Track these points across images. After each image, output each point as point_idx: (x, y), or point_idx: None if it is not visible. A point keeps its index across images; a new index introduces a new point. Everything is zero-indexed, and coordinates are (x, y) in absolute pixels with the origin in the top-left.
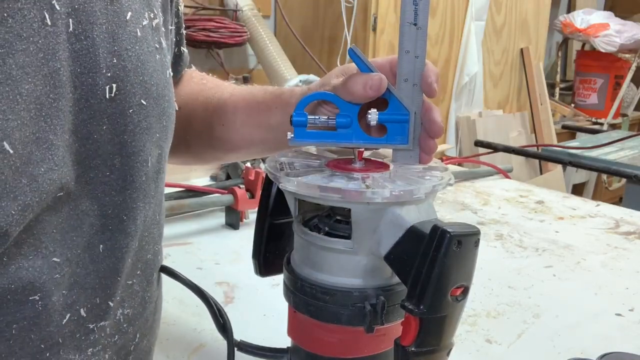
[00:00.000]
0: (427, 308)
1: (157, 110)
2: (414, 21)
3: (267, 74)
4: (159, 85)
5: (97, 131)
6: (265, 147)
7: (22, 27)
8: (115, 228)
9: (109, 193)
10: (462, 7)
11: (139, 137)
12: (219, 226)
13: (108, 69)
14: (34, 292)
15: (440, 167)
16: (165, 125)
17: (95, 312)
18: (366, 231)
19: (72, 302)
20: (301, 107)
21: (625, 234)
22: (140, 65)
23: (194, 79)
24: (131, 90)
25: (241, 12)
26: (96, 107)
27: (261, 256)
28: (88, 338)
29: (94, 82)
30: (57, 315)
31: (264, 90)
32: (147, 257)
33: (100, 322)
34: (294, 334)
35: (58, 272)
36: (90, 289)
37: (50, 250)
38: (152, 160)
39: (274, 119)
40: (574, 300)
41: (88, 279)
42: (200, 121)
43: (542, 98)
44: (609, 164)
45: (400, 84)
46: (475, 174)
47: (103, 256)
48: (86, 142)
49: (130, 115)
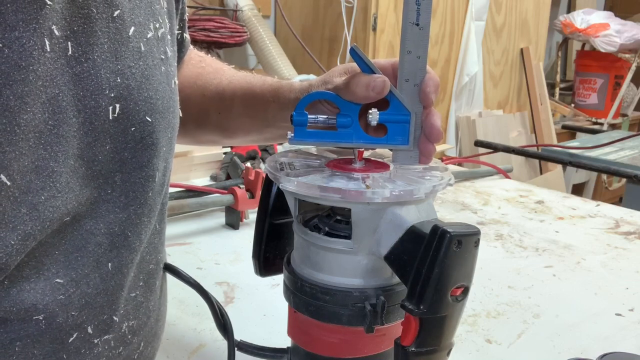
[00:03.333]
0: (427, 308)
1: (162, 125)
2: (416, 21)
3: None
4: (164, 99)
5: (101, 152)
6: (261, 137)
7: (21, 56)
8: (121, 245)
9: (113, 210)
10: (462, 7)
11: (141, 154)
12: (219, 226)
13: (111, 89)
14: (37, 313)
15: (440, 167)
16: (170, 137)
17: (100, 327)
18: (366, 231)
19: (81, 322)
20: (302, 107)
21: (625, 234)
22: (145, 81)
23: (192, 60)
24: (135, 108)
25: (241, 12)
26: (100, 129)
27: (261, 256)
28: (92, 352)
29: (97, 104)
30: (63, 334)
31: (263, 82)
32: (149, 267)
33: (105, 336)
34: (294, 334)
35: (62, 294)
36: (99, 307)
37: (52, 272)
38: (158, 174)
39: (271, 113)
40: (574, 300)
41: (98, 298)
42: (196, 106)
43: (542, 98)
44: (609, 164)
45: (402, 84)
46: (475, 174)
47: (112, 274)
48: (92, 165)
49: (132, 133)
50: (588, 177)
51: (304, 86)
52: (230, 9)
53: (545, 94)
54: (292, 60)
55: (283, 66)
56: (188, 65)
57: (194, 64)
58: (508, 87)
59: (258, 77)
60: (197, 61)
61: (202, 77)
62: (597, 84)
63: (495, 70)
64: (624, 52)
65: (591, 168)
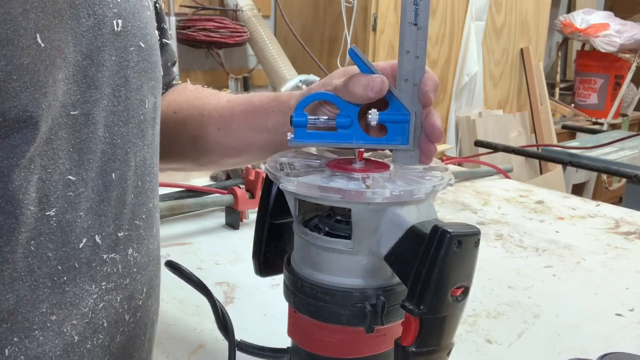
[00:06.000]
0: (427, 308)
1: (152, 58)
2: (415, 21)
3: (267, 74)
4: (152, 37)
5: (108, 60)
6: (262, 151)
7: None
8: (122, 158)
9: (117, 123)
10: (462, 7)
11: (138, 76)
12: (219, 226)
13: (114, 5)
14: (50, 207)
15: (440, 167)
16: (157, 77)
17: (107, 242)
18: (366, 231)
19: (87, 226)
20: (301, 108)
21: (625, 234)
22: (137, 12)
23: (188, 88)
24: (132, 31)
25: (241, 12)
26: (106, 37)
27: (261, 256)
28: (102, 269)
29: (104, 14)
30: (73, 237)
31: (261, 95)
32: (148, 205)
33: (112, 254)
34: (294, 334)
35: (72, 191)
36: (104, 217)
37: (67, 167)
38: (148, 104)
39: (272, 121)
40: (574, 300)
41: (102, 205)
42: (196, 125)
43: (542, 98)
44: (609, 164)
45: (401, 84)
46: (475, 174)
47: (114, 185)
48: (98, 68)
49: (131, 53)
50: (588, 177)
51: (304, 92)
52: (230, 9)
53: (545, 94)
54: (292, 60)
55: (283, 66)
56: (185, 91)
57: (192, 90)
58: (508, 87)
59: (256, 93)
60: (194, 88)
61: (199, 99)
62: (597, 84)
63: (495, 70)
64: (624, 52)
65: (591, 168)
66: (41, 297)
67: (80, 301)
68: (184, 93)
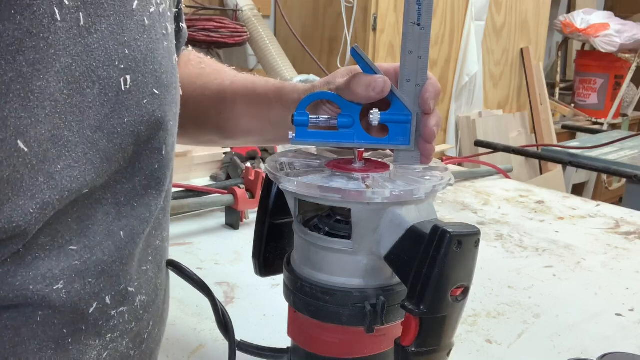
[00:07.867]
0: (427, 308)
1: (169, 99)
2: (417, 21)
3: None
4: (168, 73)
5: (120, 125)
6: (262, 139)
7: (32, 23)
8: (129, 214)
9: (120, 181)
10: (462, 7)
11: (152, 127)
12: (219, 226)
13: (120, 60)
14: (56, 281)
15: (440, 167)
16: (175, 113)
17: (117, 298)
18: (366, 231)
19: (99, 290)
20: (303, 107)
21: (625, 234)
22: (150, 54)
23: (191, 61)
24: (143, 81)
25: (241, 12)
26: (115, 100)
27: (261, 256)
28: (108, 324)
29: (109, 75)
30: (83, 304)
31: (266, 82)
32: (156, 243)
33: (120, 308)
34: (294, 334)
35: (77, 260)
36: (115, 276)
37: (66, 240)
38: (166, 148)
39: (274, 114)
40: (574, 300)
41: (114, 266)
42: (197, 106)
43: (542, 98)
44: (609, 164)
45: (403, 84)
46: (475, 174)
47: (124, 243)
48: (112, 138)
49: (145, 106)
50: (588, 177)
51: (307, 87)
52: (230, 9)
53: (545, 94)
54: (292, 60)
55: (283, 66)
56: (187, 65)
57: (194, 65)
58: (508, 87)
59: (261, 78)
60: (196, 62)
61: (202, 77)
62: (597, 84)
63: (495, 70)
64: (624, 52)
65: (591, 168)
66: (43, 358)
67: (83, 356)
68: (185, 68)
